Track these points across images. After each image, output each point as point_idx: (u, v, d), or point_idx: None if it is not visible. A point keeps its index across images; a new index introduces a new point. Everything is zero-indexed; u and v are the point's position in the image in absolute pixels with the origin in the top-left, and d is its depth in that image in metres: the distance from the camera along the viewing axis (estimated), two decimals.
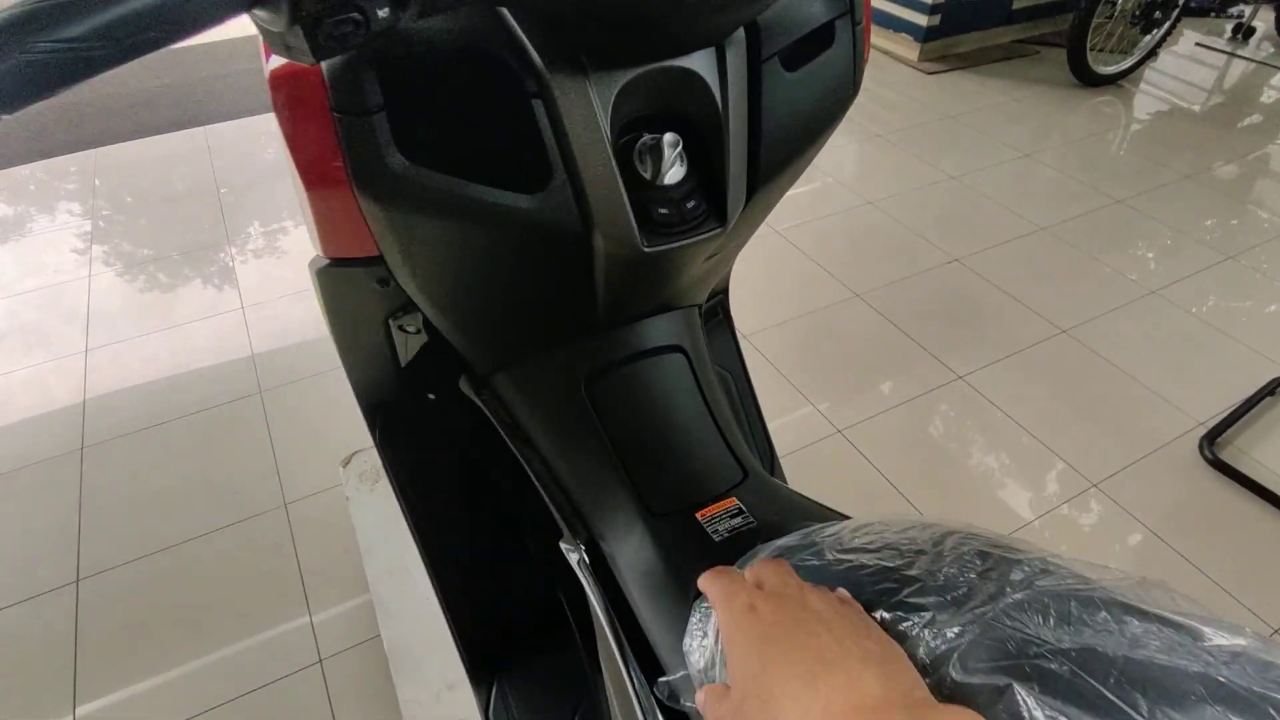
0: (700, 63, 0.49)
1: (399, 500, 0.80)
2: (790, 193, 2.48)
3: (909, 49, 3.25)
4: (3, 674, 1.22)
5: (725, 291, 0.93)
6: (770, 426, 1.06)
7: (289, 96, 0.44)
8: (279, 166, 2.56)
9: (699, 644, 0.47)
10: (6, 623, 1.29)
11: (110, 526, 1.44)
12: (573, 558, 0.64)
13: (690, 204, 0.52)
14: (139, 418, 1.66)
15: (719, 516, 0.61)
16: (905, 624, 0.40)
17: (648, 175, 0.50)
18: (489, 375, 0.70)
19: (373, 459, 1.33)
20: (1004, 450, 1.57)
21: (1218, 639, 0.37)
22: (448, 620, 0.83)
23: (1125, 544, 1.40)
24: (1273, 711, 0.33)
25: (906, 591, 0.41)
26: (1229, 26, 3.57)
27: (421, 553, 0.82)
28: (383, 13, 0.31)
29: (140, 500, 1.49)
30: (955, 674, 0.36)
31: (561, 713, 0.82)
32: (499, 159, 0.48)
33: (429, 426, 0.80)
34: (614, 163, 0.48)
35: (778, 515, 0.62)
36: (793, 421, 1.62)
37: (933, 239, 2.18)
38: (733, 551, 0.58)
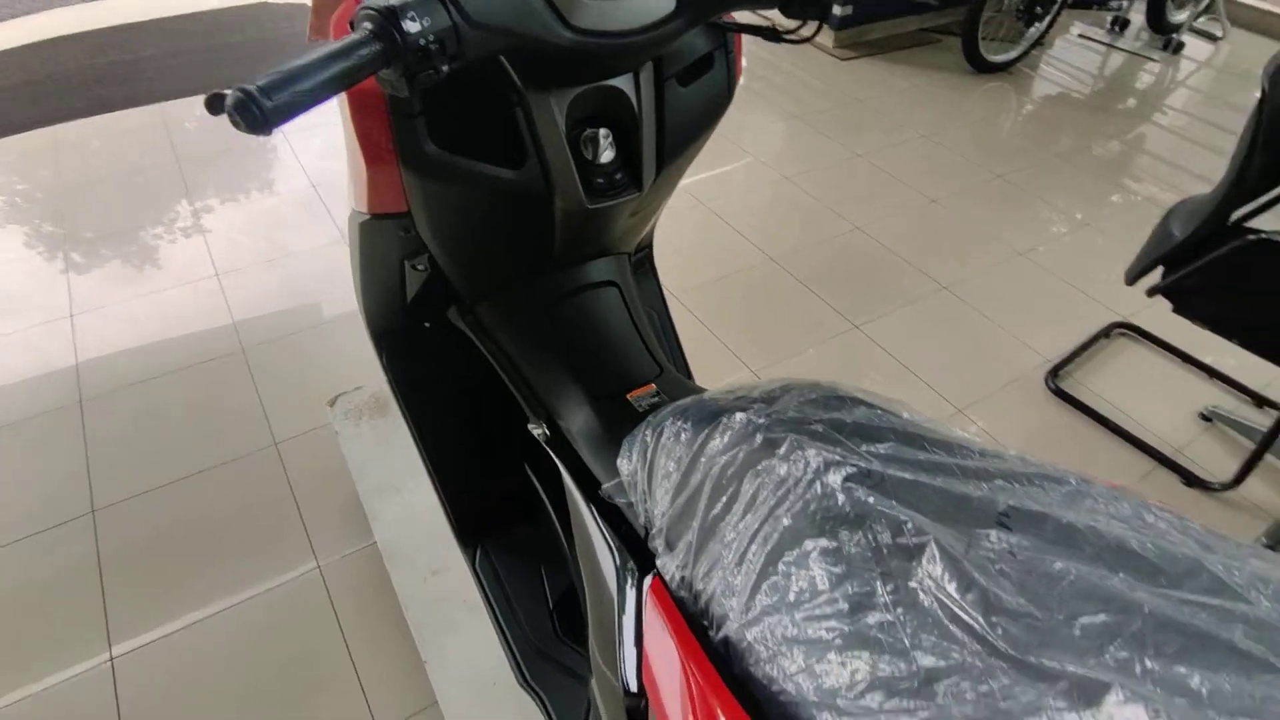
0: (624, 83, 0.74)
1: (401, 408, 1.05)
2: (716, 169, 2.77)
3: (825, 36, 3.54)
4: (38, 587, 1.41)
5: (650, 248, 1.19)
6: (693, 368, 1.33)
7: (362, 105, 0.67)
8: (238, 144, 2.70)
9: (628, 462, 0.73)
10: (34, 547, 1.48)
11: (117, 466, 1.63)
12: (537, 432, 0.90)
13: (618, 176, 0.78)
14: (130, 374, 1.83)
15: (643, 396, 0.87)
16: (736, 417, 0.65)
17: (589, 157, 0.76)
18: (474, 305, 0.95)
19: (357, 399, 1.56)
20: (888, 383, 1.88)
21: (955, 436, 0.64)
22: (441, 500, 1.08)
23: None
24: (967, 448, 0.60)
25: (746, 404, 0.68)
26: (1108, 19, 3.97)
27: (418, 445, 1.07)
28: (445, 68, 0.55)
29: (142, 444, 1.67)
30: (759, 436, 0.62)
31: (531, 563, 1.08)
32: (494, 146, 0.72)
33: (425, 348, 1.04)
34: (567, 148, 0.74)
35: (684, 395, 0.88)
36: (713, 364, 1.90)
37: (839, 209, 2.48)
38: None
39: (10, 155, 2.59)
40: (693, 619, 0.58)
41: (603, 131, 0.75)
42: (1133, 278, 1.66)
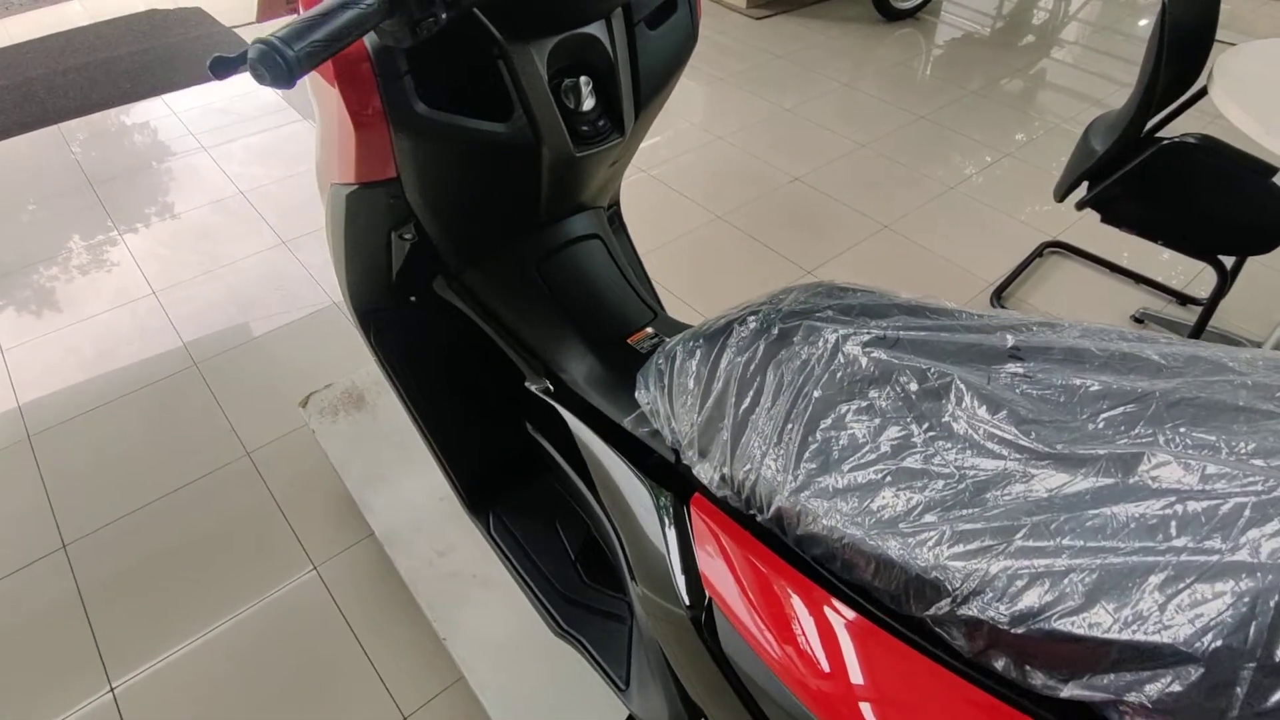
0: (597, 29, 0.75)
1: (393, 384, 1.04)
2: (653, 139, 2.79)
3: None
4: (18, 630, 1.35)
5: (619, 204, 1.20)
6: None
7: (347, 71, 0.67)
8: (152, 160, 2.58)
9: (645, 392, 0.75)
10: (6, 590, 1.41)
11: (81, 497, 1.56)
12: (537, 388, 0.91)
13: (600, 123, 0.79)
14: (78, 403, 1.75)
15: (642, 340, 0.90)
16: (747, 322, 0.68)
17: (572, 105, 0.77)
18: (461, 273, 0.95)
19: (329, 396, 1.53)
20: None
21: (952, 306, 0.68)
22: (446, 473, 1.08)
23: None
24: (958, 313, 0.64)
25: (754, 310, 0.70)
26: None
27: (416, 421, 1.06)
28: (444, 15, 0.55)
29: (103, 472, 1.61)
30: (775, 330, 0.65)
31: (546, 520, 1.10)
32: (480, 101, 0.72)
33: (412, 323, 1.04)
34: (551, 98, 0.74)
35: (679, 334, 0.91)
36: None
37: (775, 163, 2.53)
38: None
39: None
40: (738, 514, 0.61)
41: (583, 79, 0.76)
42: (1061, 194, 1.76)
